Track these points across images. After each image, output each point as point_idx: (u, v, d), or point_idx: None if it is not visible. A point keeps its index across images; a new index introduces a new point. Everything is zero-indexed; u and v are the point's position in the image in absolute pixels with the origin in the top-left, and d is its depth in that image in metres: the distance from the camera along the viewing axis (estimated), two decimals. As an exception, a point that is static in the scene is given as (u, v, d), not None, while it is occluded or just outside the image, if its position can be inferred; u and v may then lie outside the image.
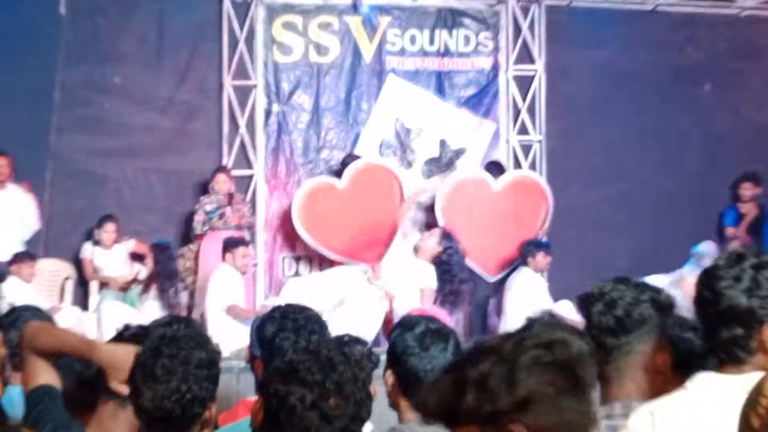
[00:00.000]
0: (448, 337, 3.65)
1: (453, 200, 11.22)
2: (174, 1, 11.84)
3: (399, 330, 3.71)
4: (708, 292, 2.83)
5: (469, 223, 11.10)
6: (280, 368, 2.86)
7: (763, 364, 2.63)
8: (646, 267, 10.60)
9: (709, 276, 2.86)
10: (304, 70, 11.88)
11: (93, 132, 11.48)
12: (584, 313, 3.17)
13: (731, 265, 2.84)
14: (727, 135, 12.29)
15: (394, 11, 12.03)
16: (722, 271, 2.83)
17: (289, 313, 3.95)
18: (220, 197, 10.83)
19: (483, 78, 12.16)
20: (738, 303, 2.76)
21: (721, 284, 2.81)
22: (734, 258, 2.86)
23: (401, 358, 3.59)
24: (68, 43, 11.42)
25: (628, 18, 12.45)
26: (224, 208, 10.79)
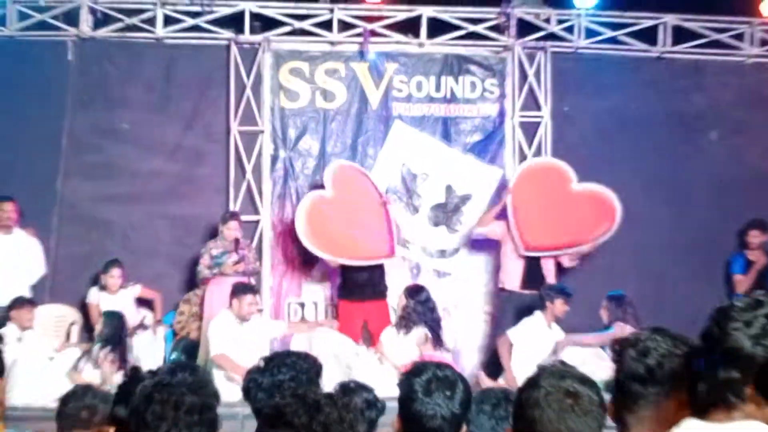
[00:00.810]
0: (455, 384, 3.65)
1: (529, 183, 11.32)
2: (181, 48, 11.96)
3: (407, 375, 3.73)
4: (716, 330, 2.81)
5: (539, 209, 11.20)
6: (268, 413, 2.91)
7: (752, 413, 2.66)
8: (653, 313, 10.68)
9: (722, 314, 2.84)
10: (311, 115, 11.97)
11: (100, 177, 11.59)
12: (616, 358, 3.19)
13: (747, 309, 2.82)
14: (733, 182, 12.25)
15: (401, 58, 12.14)
16: (736, 313, 2.81)
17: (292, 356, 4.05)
18: (227, 242, 10.87)
19: (489, 124, 12.21)
20: (741, 346, 2.75)
21: (731, 325, 2.79)
22: (752, 303, 2.84)
23: (405, 403, 3.63)
24: (76, 89, 11.64)
25: (634, 65, 12.51)
26: (231, 252, 10.82)
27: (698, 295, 11.15)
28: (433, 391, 3.61)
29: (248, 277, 10.90)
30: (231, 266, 10.77)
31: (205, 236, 11.58)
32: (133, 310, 10.97)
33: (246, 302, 9.87)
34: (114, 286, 10.86)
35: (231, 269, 10.73)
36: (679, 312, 10.83)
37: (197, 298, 11.12)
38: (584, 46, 12.34)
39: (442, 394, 3.61)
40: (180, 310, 11.14)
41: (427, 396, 3.60)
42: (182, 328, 11.04)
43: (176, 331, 11.09)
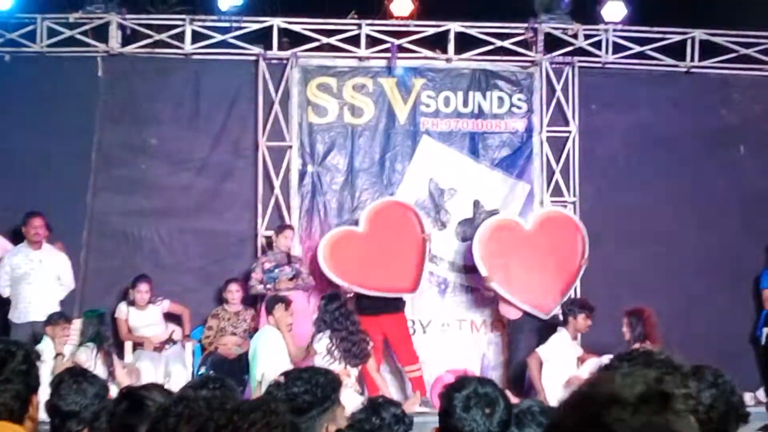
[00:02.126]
0: (495, 402, 3.66)
1: (490, 249, 11.35)
2: (210, 63, 12.09)
3: (448, 389, 3.74)
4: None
5: (511, 267, 11.27)
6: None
7: None
8: (683, 331, 10.80)
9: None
10: (339, 131, 12.07)
11: (129, 192, 11.73)
12: None
13: None
14: (763, 197, 12.30)
15: (428, 73, 12.22)
16: None
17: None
18: (278, 256, 10.96)
19: (517, 139, 12.26)
20: None
21: None
22: None
23: (444, 417, 3.67)
24: (106, 105, 11.78)
25: (662, 80, 12.55)
26: (283, 266, 10.92)
27: (728, 310, 11.38)
28: (471, 407, 3.61)
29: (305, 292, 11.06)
30: (285, 282, 10.89)
31: (234, 251, 11.76)
32: (162, 325, 11.15)
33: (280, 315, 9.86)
34: (142, 301, 11.00)
35: (285, 285, 10.83)
36: (709, 328, 11.02)
37: (225, 313, 11.24)
38: (612, 61, 12.39)
39: (481, 411, 3.60)
40: (208, 325, 11.24)
41: (465, 412, 3.60)
42: (210, 343, 11.14)
43: (204, 346, 11.19)
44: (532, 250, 11.38)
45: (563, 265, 11.27)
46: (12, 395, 3.38)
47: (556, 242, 11.38)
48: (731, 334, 11.52)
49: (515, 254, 11.36)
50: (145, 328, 11.04)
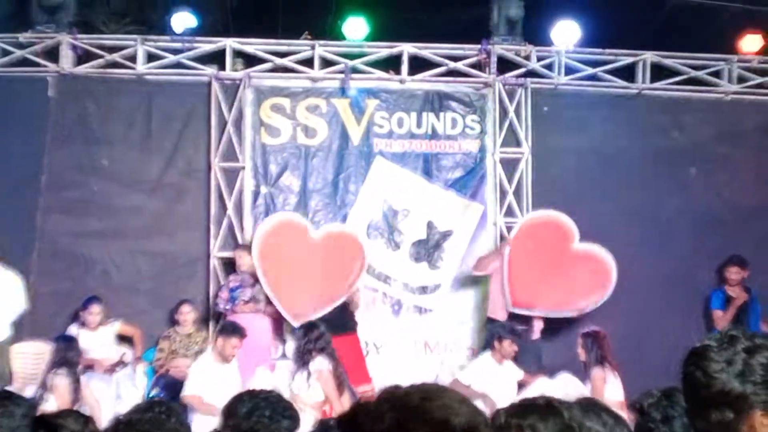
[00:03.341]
0: None
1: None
2: (162, 84, 12.14)
3: None
4: (700, 374, 2.77)
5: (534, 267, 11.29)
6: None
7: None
8: (634, 351, 10.93)
9: (700, 357, 2.80)
10: (292, 152, 12.12)
11: (80, 214, 11.72)
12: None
13: (724, 347, 2.78)
14: (713, 218, 12.41)
15: (382, 94, 12.32)
16: (714, 353, 2.77)
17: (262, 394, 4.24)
18: (244, 276, 11.00)
19: (470, 160, 12.34)
20: (731, 388, 2.71)
21: (713, 367, 2.74)
22: (727, 340, 2.80)
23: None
24: (56, 126, 11.77)
25: (614, 101, 12.69)
26: (245, 288, 10.95)
27: (679, 330, 11.30)
28: None
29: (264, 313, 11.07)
30: (241, 304, 10.94)
31: (186, 273, 11.79)
32: (113, 347, 11.06)
33: (230, 344, 9.83)
34: (93, 322, 10.94)
35: (241, 308, 10.90)
36: (660, 348, 11.05)
37: (177, 335, 11.24)
38: (564, 82, 12.52)
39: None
40: (160, 347, 11.23)
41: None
42: (162, 365, 11.10)
43: (156, 368, 11.13)
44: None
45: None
46: None
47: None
48: (683, 352, 11.58)
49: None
50: (96, 350, 10.89)
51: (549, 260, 11.33)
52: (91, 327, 10.96)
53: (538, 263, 11.29)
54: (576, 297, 11.27)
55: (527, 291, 11.18)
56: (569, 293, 11.29)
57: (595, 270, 11.38)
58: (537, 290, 11.22)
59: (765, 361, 2.73)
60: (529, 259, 11.26)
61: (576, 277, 11.31)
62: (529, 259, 11.26)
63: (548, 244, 11.41)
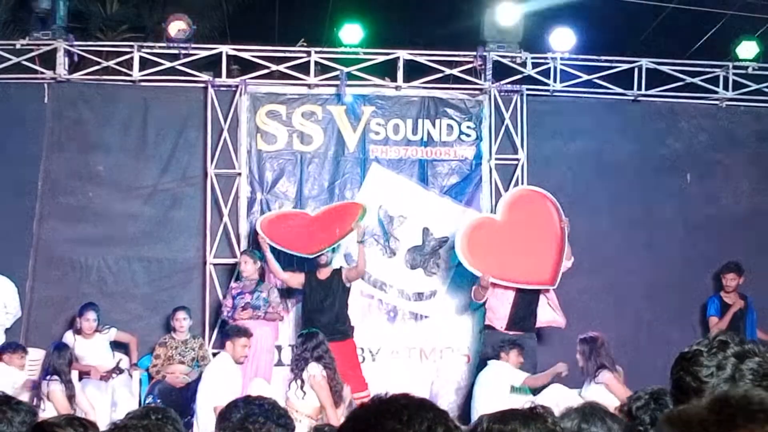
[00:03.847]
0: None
1: (475, 252, 11.23)
2: (158, 90, 12.17)
3: None
4: (690, 379, 2.85)
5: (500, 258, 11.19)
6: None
7: None
8: (631, 356, 11.00)
9: (690, 362, 2.87)
10: (288, 158, 12.14)
11: (76, 220, 11.72)
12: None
13: (714, 352, 2.86)
14: (709, 224, 12.49)
15: (378, 101, 12.34)
16: (704, 358, 2.85)
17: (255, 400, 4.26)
18: (246, 282, 11.03)
19: (466, 167, 12.38)
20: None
21: (703, 372, 2.83)
22: (717, 345, 2.87)
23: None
24: (52, 132, 11.79)
25: (610, 108, 12.76)
26: (244, 294, 10.95)
27: (676, 337, 11.35)
28: None
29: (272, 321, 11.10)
30: (240, 312, 10.93)
31: (182, 279, 11.80)
32: (109, 353, 11.10)
33: (239, 344, 9.90)
34: (89, 329, 10.95)
35: (239, 314, 10.88)
36: (657, 354, 11.03)
37: (173, 341, 11.21)
38: (560, 89, 12.58)
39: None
40: (156, 354, 11.19)
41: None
42: (158, 371, 11.08)
43: (152, 375, 11.13)
44: (512, 233, 11.28)
45: (546, 234, 11.22)
46: None
47: (530, 217, 11.35)
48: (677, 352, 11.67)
49: (499, 245, 11.25)
50: (92, 357, 10.95)
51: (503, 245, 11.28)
52: (87, 334, 10.98)
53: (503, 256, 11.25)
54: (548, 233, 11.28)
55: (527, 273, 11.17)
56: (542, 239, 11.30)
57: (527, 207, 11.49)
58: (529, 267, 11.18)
59: (755, 366, 2.82)
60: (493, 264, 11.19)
61: (525, 226, 11.34)
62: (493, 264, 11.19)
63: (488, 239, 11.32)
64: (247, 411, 4.25)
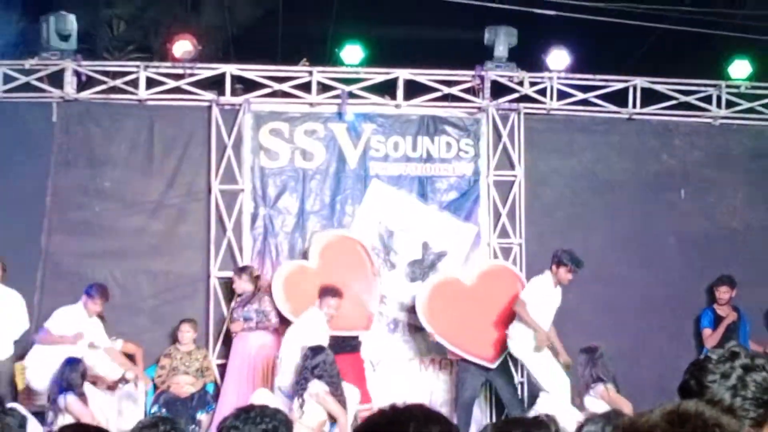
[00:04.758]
0: None
1: (432, 306, 11.55)
2: (164, 108, 12.30)
3: None
4: (694, 383, 2.87)
5: (454, 321, 11.45)
6: None
7: None
8: (628, 368, 11.12)
9: (698, 368, 2.90)
10: (290, 174, 12.27)
11: (83, 234, 11.84)
12: None
13: (723, 361, 2.87)
14: (703, 239, 12.62)
15: (378, 119, 12.48)
16: (712, 366, 2.87)
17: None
18: (244, 296, 11.28)
19: (464, 183, 12.52)
20: (721, 399, 2.78)
21: (708, 378, 2.84)
22: (728, 355, 2.88)
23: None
24: (60, 149, 11.92)
25: (605, 125, 12.90)
26: (238, 308, 11.22)
27: (671, 349, 11.64)
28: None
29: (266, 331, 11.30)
30: (231, 323, 11.26)
31: (187, 292, 11.93)
32: (115, 364, 11.09)
33: (327, 303, 10.68)
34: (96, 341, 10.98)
35: (233, 326, 11.21)
36: (653, 365, 11.31)
37: (178, 352, 11.43)
38: (556, 107, 12.74)
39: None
40: (161, 364, 11.42)
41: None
42: (163, 381, 11.31)
43: (157, 385, 11.32)
44: (473, 303, 11.56)
45: (505, 315, 11.34)
46: None
47: (496, 294, 11.54)
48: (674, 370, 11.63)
49: (458, 308, 11.53)
50: (99, 368, 10.98)
51: (461, 310, 11.57)
52: (94, 345, 10.97)
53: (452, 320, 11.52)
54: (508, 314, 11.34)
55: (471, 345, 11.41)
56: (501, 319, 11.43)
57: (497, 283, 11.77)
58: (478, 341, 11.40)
59: (761, 380, 2.84)
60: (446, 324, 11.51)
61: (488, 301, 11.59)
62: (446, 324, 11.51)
63: (450, 299, 11.66)
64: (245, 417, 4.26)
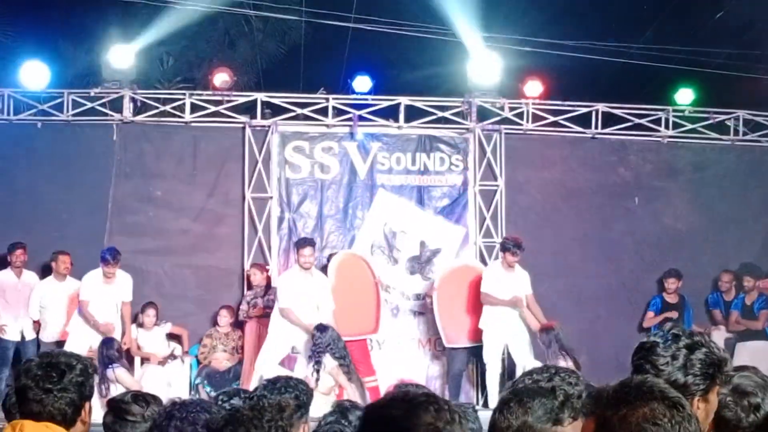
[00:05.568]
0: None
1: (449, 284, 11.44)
2: (205, 129, 12.25)
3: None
4: (649, 366, 2.84)
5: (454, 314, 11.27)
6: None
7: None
8: (589, 347, 11.12)
9: (649, 351, 2.87)
10: (310, 185, 12.17)
11: (138, 235, 11.80)
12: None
13: (668, 345, 2.85)
14: (653, 239, 12.49)
15: (383, 138, 12.36)
16: (661, 349, 2.84)
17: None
18: (257, 290, 11.16)
19: (455, 192, 12.35)
20: (676, 379, 2.78)
21: (660, 361, 2.82)
22: (671, 337, 2.87)
23: None
24: (119, 164, 11.87)
25: (572, 143, 12.75)
26: (257, 299, 11.10)
27: (626, 331, 11.51)
28: None
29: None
30: (251, 310, 11.08)
31: (224, 283, 11.87)
32: (165, 343, 11.28)
33: (304, 253, 10.48)
34: (150, 323, 11.16)
35: (255, 314, 11.03)
36: (611, 345, 11.15)
37: (217, 333, 11.40)
38: (531, 128, 12.55)
39: None
40: (203, 343, 11.40)
41: None
42: (205, 357, 11.31)
43: (200, 360, 11.34)
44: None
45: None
46: (66, 402, 3.32)
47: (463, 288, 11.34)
48: (629, 349, 11.34)
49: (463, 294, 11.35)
50: (151, 346, 11.14)
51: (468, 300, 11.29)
52: (148, 327, 11.17)
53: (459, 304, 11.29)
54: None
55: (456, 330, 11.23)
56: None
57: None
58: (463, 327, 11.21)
59: (702, 356, 2.85)
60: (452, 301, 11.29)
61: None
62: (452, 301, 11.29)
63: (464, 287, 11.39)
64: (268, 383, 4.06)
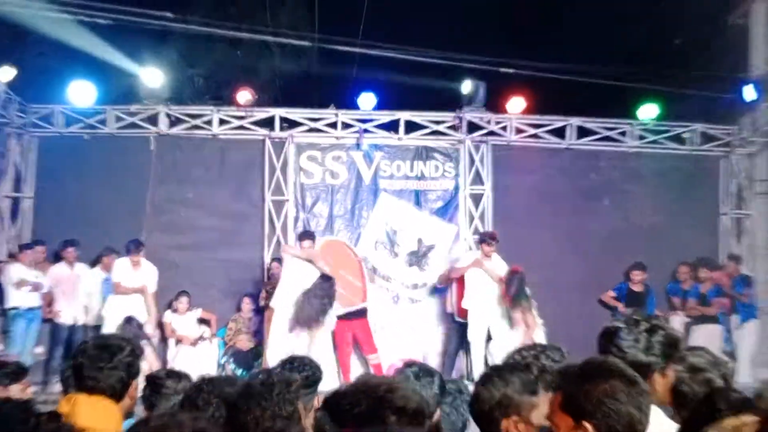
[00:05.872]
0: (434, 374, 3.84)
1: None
2: (231, 141, 12.47)
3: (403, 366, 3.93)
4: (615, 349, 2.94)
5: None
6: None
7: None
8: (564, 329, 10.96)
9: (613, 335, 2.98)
10: (322, 189, 12.46)
11: (173, 232, 12.07)
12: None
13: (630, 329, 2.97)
14: (621, 235, 12.72)
15: (385, 148, 12.65)
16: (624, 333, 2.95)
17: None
18: (276, 280, 11.24)
19: (448, 195, 12.61)
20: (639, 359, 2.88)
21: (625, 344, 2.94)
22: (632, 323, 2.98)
23: None
24: (156, 171, 12.13)
25: (550, 153, 13.04)
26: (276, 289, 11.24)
27: (597, 315, 11.73)
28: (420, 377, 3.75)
29: None
30: (265, 299, 11.18)
31: (248, 275, 12.04)
32: (196, 327, 11.57)
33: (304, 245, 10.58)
34: (182, 309, 11.50)
35: (266, 301, 11.13)
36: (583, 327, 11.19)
37: (241, 318, 11.63)
38: (515, 140, 12.83)
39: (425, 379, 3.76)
40: (229, 327, 11.69)
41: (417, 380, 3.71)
42: (230, 339, 11.59)
43: (226, 342, 11.62)
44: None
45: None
46: (117, 379, 3.37)
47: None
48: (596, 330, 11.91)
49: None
50: (184, 329, 11.47)
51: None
52: (181, 312, 11.51)
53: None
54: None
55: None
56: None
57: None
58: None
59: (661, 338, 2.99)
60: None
61: None
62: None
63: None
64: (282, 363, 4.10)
